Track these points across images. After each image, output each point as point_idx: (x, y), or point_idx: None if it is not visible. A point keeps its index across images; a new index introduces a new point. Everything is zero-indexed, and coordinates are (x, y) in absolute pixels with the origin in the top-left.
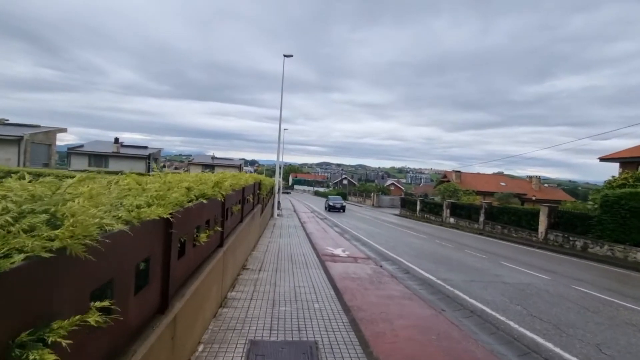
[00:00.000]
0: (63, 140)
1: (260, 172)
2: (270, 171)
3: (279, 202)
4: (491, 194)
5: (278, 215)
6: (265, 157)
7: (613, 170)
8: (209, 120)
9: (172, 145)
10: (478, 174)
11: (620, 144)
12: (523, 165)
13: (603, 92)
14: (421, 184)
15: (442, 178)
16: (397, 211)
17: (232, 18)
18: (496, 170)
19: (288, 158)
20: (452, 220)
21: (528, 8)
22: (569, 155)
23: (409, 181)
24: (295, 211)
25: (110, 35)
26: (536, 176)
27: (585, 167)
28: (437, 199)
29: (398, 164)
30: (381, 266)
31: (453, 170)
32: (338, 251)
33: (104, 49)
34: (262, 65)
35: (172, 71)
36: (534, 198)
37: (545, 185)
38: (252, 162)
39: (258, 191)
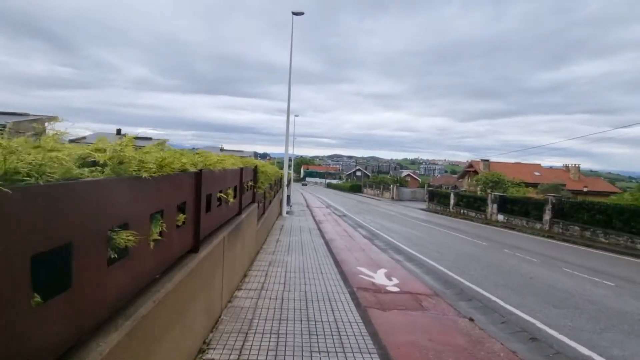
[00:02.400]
0: (77, 135)
1: (272, 164)
2: (282, 163)
3: (288, 196)
4: (532, 185)
5: (288, 213)
6: (276, 150)
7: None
8: (220, 113)
9: (185, 139)
10: (509, 163)
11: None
12: (542, 155)
13: (624, 77)
14: (437, 175)
15: (468, 168)
16: (421, 205)
17: (239, 10)
18: (512, 160)
19: (299, 150)
20: (500, 217)
21: None
22: (589, 144)
23: (423, 172)
24: (308, 206)
25: (122, 32)
26: (574, 165)
27: (606, 156)
28: (478, 191)
29: (410, 156)
30: (472, 319)
31: (481, 160)
32: (380, 277)
33: (116, 46)
34: (271, 57)
35: (183, 65)
36: (585, 189)
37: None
38: (264, 155)
39: (252, 184)
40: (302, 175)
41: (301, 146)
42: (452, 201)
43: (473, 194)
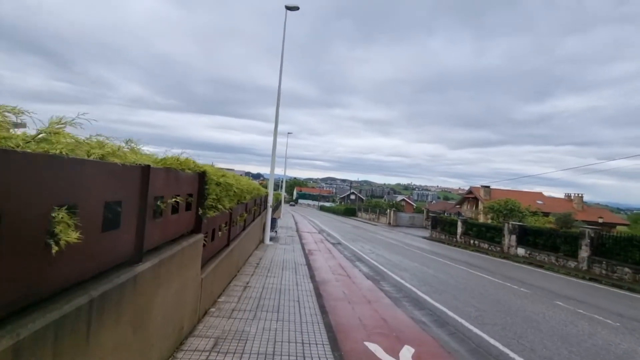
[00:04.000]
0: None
1: (265, 185)
2: (275, 185)
3: (273, 220)
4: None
5: (271, 240)
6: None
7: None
8: (215, 133)
9: None
10: (510, 190)
11: (626, 164)
12: (531, 184)
13: (605, 112)
14: (432, 201)
15: (467, 194)
16: (421, 232)
17: (234, 35)
18: (504, 188)
19: (292, 172)
20: (520, 251)
21: (520, 30)
22: (577, 175)
23: (416, 198)
24: (297, 231)
25: (119, 51)
26: (577, 194)
27: (593, 187)
28: (488, 220)
29: (403, 181)
30: None
31: (481, 186)
32: None
33: (113, 64)
34: (264, 81)
35: (178, 86)
36: (600, 220)
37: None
38: (258, 176)
39: (194, 199)
40: (294, 197)
41: (295, 168)
42: (459, 230)
43: (485, 223)
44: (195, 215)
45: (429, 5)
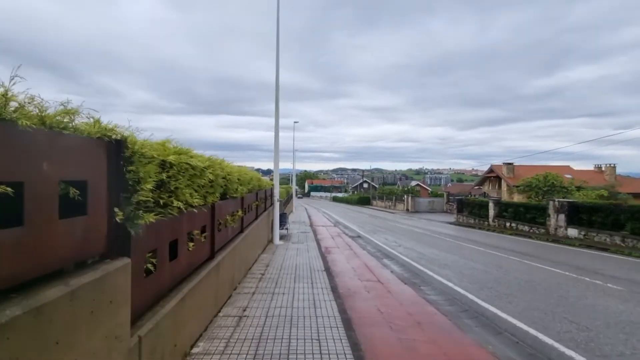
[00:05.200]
0: None
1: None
2: (285, 179)
3: (282, 215)
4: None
5: (282, 239)
6: (281, 165)
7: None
8: (222, 133)
9: None
10: (535, 165)
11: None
12: (546, 159)
13: (619, 79)
14: (447, 184)
15: (488, 173)
16: (444, 217)
17: (235, 34)
18: (526, 164)
19: (302, 165)
20: (572, 232)
21: (524, 2)
22: (593, 147)
23: (429, 182)
24: (311, 225)
25: (124, 59)
26: (609, 165)
27: (610, 158)
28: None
29: (415, 166)
30: None
31: (503, 163)
32: None
33: (118, 73)
34: (267, 77)
35: (183, 89)
36: None
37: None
38: (268, 172)
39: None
40: (306, 190)
41: (304, 161)
42: (491, 212)
43: (523, 203)
44: (107, 224)
45: None
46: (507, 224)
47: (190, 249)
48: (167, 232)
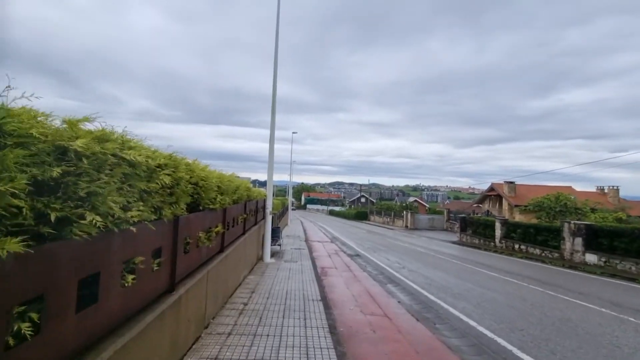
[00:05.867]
0: None
1: (272, 192)
2: (283, 191)
3: (275, 230)
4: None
5: (273, 256)
6: (277, 177)
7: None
8: (221, 143)
9: None
10: (536, 185)
11: (631, 156)
12: (541, 180)
13: (612, 104)
14: (445, 201)
15: (488, 192)
16: (444, 235)
17: (235, 47)
18: (527, 184)
19: (299, 178)
20: (590, 257)
21: (520, 26)
22: (588, 169)
23: (426, 199)
24: (307, 240)
25: (126, 67)
26: (611, 187)
27: (609, 180)
28: (531, 220)
29: (412, 182)
30: None
31: (504, 182)
32: None
33: (120, 80)
34: (267, 89)
35: (183, 98)
36: None
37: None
38: (265, 183)
39: None
40: (303, 203)
41: (302, 174)
42: (498, 232)
43: (534, 224)
44: None
45: (425, 8)
46: (516, 246)
47: (128, 284)
48: (72, 265)
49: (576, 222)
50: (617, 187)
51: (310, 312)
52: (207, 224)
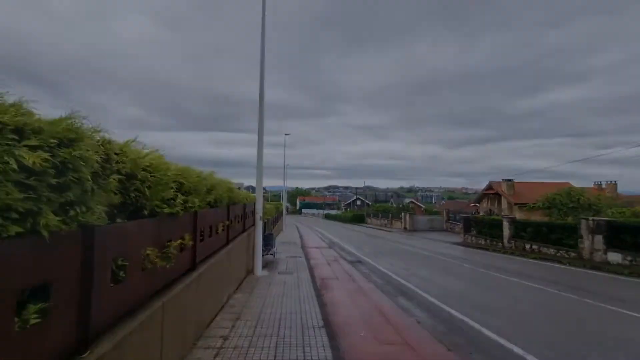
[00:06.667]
0: None
1: (266, 197)
2: (277, 196)
3: (267, 237)
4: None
5: (265, 267)
6: (272, 183)
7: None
8: (214, 149)
9: None
10: (534, 182)
11: (622, 153)
12: (532, 178)
13: (596, 103)
14: (441, 202)
15: (486, 190)
16: (445, 236)
17: (225, 53)
18: (526, 181)
19: (294, 183)
20: (613, 257)
21: (502, 28)
22: (575, 167)
23: (421, 199)
24: (303, 247)
25: (115, 76)
26: (609, 182)
27: (593, 177)
28: (548, 216)
29: (406, 184)
30: None
31: (503, 180)
32: None
33: (109, 89)
34: (257, 95)
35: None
36: None
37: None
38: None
39: None
40: (298, 207)
41: (296, 178)
42: (506, 232)
43: (546, 222)
44: None
45: (410, 13)
46: (527, 246)
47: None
48: None
49: (595, 218)
50: (615, 182)
51: (312, 347)
52: (162, 236)
